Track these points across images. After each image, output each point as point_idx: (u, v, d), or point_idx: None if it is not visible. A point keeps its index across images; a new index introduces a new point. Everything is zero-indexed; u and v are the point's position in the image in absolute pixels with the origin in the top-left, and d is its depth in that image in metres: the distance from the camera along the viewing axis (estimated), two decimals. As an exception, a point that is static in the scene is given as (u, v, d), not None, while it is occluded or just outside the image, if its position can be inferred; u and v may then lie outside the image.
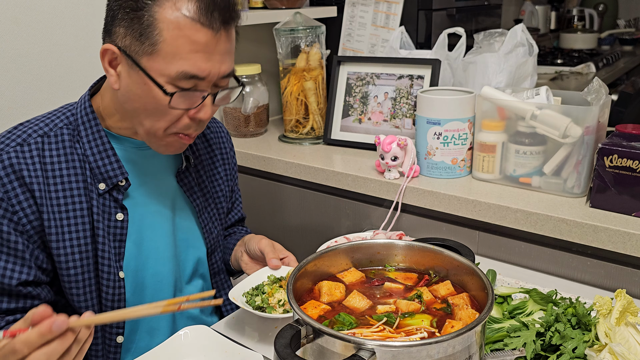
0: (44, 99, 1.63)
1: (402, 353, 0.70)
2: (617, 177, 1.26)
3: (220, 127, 1.37)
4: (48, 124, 1.08)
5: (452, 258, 0.92)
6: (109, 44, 1.00)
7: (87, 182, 1.07)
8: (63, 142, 1.07)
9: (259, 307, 1.10)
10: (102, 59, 1.01)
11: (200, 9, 0.95)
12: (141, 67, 0.97)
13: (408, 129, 1.73)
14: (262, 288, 1.14)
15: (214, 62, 0.99)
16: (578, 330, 0.95)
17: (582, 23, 4.40)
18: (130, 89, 1.01)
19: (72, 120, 1.10)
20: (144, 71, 0.97)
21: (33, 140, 1.05)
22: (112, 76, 1.02)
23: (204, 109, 1.02)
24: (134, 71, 0.98)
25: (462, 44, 1.75)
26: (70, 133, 1.08)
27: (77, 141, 1.08)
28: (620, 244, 1.22)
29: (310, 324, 0.73)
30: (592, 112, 1.31)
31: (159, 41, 0.95)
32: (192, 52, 0.96)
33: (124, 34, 0.97)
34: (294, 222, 1.83)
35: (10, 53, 1.54)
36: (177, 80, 0.97)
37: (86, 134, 1.08)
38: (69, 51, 1.66)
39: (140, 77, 0.98)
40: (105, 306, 1.11)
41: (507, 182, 1.47)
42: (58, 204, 1.04)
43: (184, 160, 1.21)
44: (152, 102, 0.99)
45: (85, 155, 1.08)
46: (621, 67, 3.60)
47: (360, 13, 2.05)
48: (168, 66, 0.96)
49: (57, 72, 1.64)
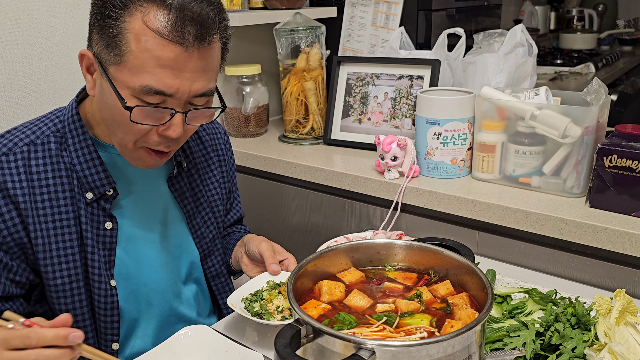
0: (44, 99, 1.63)
1: (402, 353, 0.70)
2: (617, 177, 1.27)
3: (217, 127, 1.35)
4: (35, 132, 1.06)
5: (451, 258, 0.93)
6: (86, 49, 0.99)
7: (74, 192, 1.06)
8: (50, 150, 1.06)
9: (258, 314, 1.09)
10: (80, 63, 1.00)
11: (170, 22, 0.90)
12: (108, 76, 0.95)
13: (408, 129, 1.73)
14: (260, 294, 1.14)
15: (182, 80, 0.93)
16: (577, 330, 0.96)
17: (581, 23, 4.41)
18: (101, 97, 0.99)
19: (59, 127, 1.08)
20: (110, 81, 0.94)
21: (19, 149, 1.03)
22: (89, 82, 1.00)
23: (172, 127, 0.97)
24: (104, 80, 0.96)
25: (461, 45, 1.75)
26: (57, 141, 1.06)
27: (65, 149, 1.07)
28: (620, 244, 1.22)
29: (310, 323, 0.73)
30: (591, 112, 1.31)
31: (125, 52, 0.91)
32: (158, 66, 0.91)
33: (97, 41, 0.95)
34: (294, 222, 1.83)
35: (10, 53, 1.54)
36: (142, 94, 0.93)
37: (73, 142, 1.07)
38: (69, 51, 1.66)
39: (108, 86, 0.95)
40: (98, 314, 1.11)
41: (507, 182, 1.47)
42: (44, 214, 1.03)
43: (175, 165, 1.19)
44: (118, 113, 0.96)
45: (72, 164, 1.06)
46: (621, 68, 3.60)
47: (360, 13, 2.05)
48: (133, 78, 0.92)
49: (57, 72, 1.64)
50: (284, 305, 1.10)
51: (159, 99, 0.94)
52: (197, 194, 1.25)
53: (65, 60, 1.65)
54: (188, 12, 0.90)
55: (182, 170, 1.21)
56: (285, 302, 1.11)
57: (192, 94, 0.96)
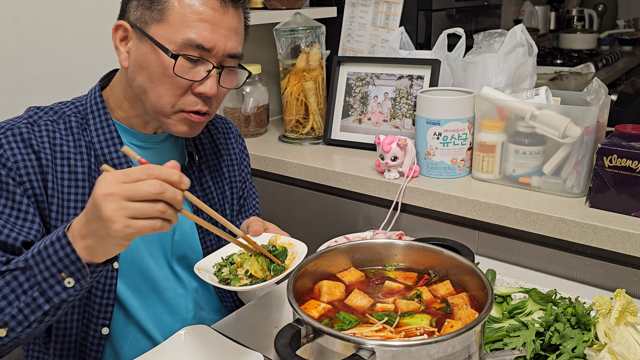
0: (44, 100, 1.63)
1: (402, 353, 0.70)
2: (617, 177, 1.27)
3: (230, 127, 1.36)
4: (57, 112, 1.10)
5: (451, 258, 0.93)
6: (121, 20, 1.05)
7: (92, 168, 1.09)
8: (71, 128, 1.09)
9: (224, 280, 0.99)
10: (114, 36, 1.06)
11: None
12: (149, 35, 1.01)
13: (408, 129, 1.73)
14: (231, 258, 1.03)
15: (219, 36, 1.01)
16: (577, 330, 0.96)
17: (581, 23, 4.41)
18: (138, 62, 1.03)
19: (80, 109, 1.12)
20: (152, 38, 1.00)
21: (43, 122, 1.07)
22: (122, 54, 1.05)
23: (208, 83, 1.03)
24: (142, 42, 1.02)
25: (461, 45, 1.76)
26: (78, 121, 1.10)
27: (85, 129, 1.10)
28: (620, 244, 1.22)
29: (310, 323, 0.73)
30: (591, 112, 1.31)
31: (167, 8, 0.99)
32: (198, 20, 1.00)
33: (136, 7, 1.03)
34: (294, 222, 1.83)
35: (10, 53, 1.54)
36: (184, 48, 1.00)
37: (94, 122, 1.10)
38: (69, 51, 1.66)
39: (148, 46, 1.01)
40: (95, 295, 1.09)
41: (507, 182, 1.47)
42: (62, 184, 1.05)
43: (186, 156, 1.21)
44: (158, 70, 1.01)
45: (92, 142, 1.09)
46: (620, 68, 3.60)
47: (360, 13, 2.05)
48: (175, 34, 1.00)
49: (57, 72, 1.64)
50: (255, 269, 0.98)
51: (198, 53, 1.01)
52: (206, 189, 1.25)
53: (65, 60, 1.65)
54: None
55: (194, 163, 1.22)
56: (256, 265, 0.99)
57: (226, 52, 1.03)
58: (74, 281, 0.85)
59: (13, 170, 1.00)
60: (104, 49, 1.73)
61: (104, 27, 1.72)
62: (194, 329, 1.05)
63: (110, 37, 1.08)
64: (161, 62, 1.01)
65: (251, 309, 1.23)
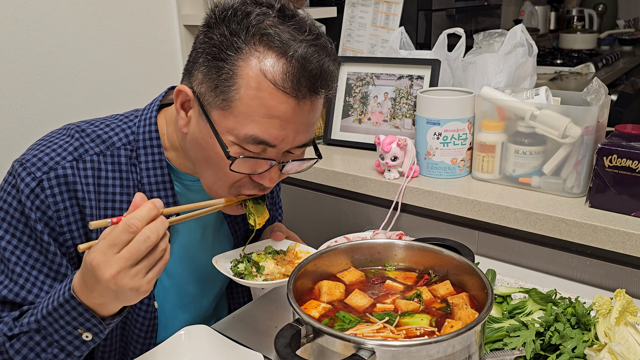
0: (44, 99, 1.63)
1: (402, 353, 0.70)
2: (617, 177, 1.27)
3: None
4: (105, 141, 1.01)
5: (451, 258, 0.92)
6: (185, 85, 0.93)
7: None
8: (120, 164, 1.01)
9: (239, 274, 1.04)
10: (175, 98, 0.95)
11: (287, 73, 0.85)
12: (210, 120, 0.90)
13: (408, 129, 1.73)
14: (249, 256, 1.09)
15: (288, 131, 0.89)
16: (577, 330, 0.96)
17: (581, 23, 4.41)
18: (196, 137, 0.93)
19: (131, 139, 1.02)
20: (212, 126, 0.90)
21: (89, 157, 0.98)
22: (183, 119, 0.95)
23: (268, 177, 0.94)
24: (203, 121, 0.91)
25: (461, 45, 1.76)
26: (128, 155, 1.01)
27: (135, 164, 1.01)
28: (620, 244, 1.22)
29: (310, 323, 0.73)
30: (591, 112, 1.31)
31: (234, 98, 0.87)
32: (266, 116, 0.87)
33: (201, 81, 0.90)
34: (294, 222, 1.83)
35: (10, 53, 1.54)
36: (245, 142, 0.89)
37: (146, 160, 1.01)
38: (69, 51, 1.66)
39: (208, 129, 0.90)
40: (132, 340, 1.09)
41: (507, 182, 1.47)
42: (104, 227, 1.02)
43: None
44: (214, 158, 0.92)
45: (141, 183, 1.01)
46: (620, 68, 3.60)
47: (360, 13, 2.06)
48: (238, 126, 0.88)
49: (57, 73, 1.65)
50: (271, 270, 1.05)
51: (260, 149, 0.90)
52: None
53: (65, 60, 1.65)
54: (309, 65, 0.86)
55: None
56: (275, 268, 1.06)
57: (294, 145, 0.93)
58: (91, 335, 0.85)
59: (53, 220, 0.94)
60: (104, 49, 1.73)
61: (104, 27, 1.72)
62: (194, 328, 1.05)
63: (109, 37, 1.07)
64: (218, 152, 0.91)
65: (251, 309, 1.23)
